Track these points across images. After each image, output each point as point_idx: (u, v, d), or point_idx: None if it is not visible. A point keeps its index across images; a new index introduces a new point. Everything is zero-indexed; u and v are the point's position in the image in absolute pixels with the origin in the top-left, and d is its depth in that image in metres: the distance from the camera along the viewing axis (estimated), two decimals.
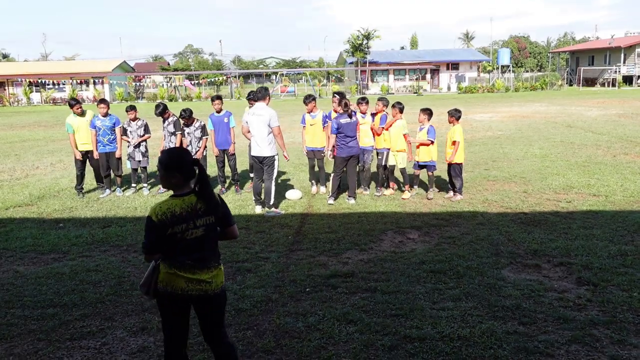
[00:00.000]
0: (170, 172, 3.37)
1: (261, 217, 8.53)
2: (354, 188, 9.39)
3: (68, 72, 53.14)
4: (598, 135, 16.88)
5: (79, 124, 10.20)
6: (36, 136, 21.72)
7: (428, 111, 9.59)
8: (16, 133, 23.26)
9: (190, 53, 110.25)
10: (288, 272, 6.12)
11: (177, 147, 3.64)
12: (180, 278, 3.35)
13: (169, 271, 3.36)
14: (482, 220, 8.03)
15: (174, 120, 10.16)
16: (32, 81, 51.11)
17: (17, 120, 31.09)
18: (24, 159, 15.51)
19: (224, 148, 10.26)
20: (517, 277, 5.82)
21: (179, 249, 3.35)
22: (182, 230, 3.33)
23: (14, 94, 50.74)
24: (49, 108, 43.49)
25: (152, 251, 3.35)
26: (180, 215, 3.33)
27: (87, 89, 52.73)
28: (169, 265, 3.36)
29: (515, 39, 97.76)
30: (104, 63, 58.13)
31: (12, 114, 37.34)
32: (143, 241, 3.38)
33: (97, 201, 9.94)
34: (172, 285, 3.35)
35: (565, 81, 57.66)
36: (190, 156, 3.47)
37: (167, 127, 10.15)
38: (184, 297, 3.37)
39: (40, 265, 6.62)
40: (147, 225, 3.32)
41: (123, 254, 6.97)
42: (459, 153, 9.23)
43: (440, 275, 5.90)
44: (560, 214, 8.29)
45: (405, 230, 7.67)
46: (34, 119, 31.07)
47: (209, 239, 3.45)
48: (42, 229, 8.14)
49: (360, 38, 55.65)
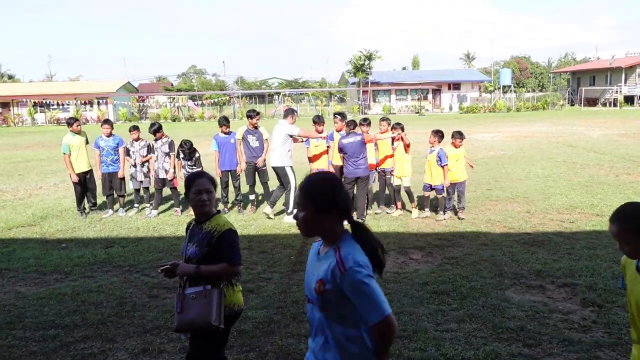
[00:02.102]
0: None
1: (263, 238, 8.52)
2: (362, 209, 9.32)
3: (72, 92, 53.68)
4: (600, 155, 16.88)
5: (76, 143, 10.21)
6: (40, 156, 21.82)
7: (439, 133, 9.44)
8: (20, 153, 23.37)
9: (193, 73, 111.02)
10: (290, 293, 6.09)
11: (199, 172, 3.68)
12: (240, 293, 3.50)
13: (235, 289, 3.45)
14: (485, 241, 8.00)
15: (169, 140, 10.17)
16: (36, 102, 51.55)
17: (21, 140, 31.27)
18: (28, 179, 15.57)
19: (230, 169, 10.28)
20: (521, 298, 5.78)
21: None
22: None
23: (18, 114, 51.12)
24: (53, 128, 43.73)
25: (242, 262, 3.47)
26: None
27: (91, 109, 53.11)
28: (233, 284, 3.44)
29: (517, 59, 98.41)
30: (108, 83, 58.67)
31: (17, 134, 37.57)
32: (237, 254, 3.41)
33: (99, 221, 9.94)
34: (238, 305, 3.48)
35: (567, 101, 57.90)
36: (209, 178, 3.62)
37: (161, 148, 10.11)
38: (240, 313, 3.52)
39: (42, 285, 6.60)
40: (236, 239, 3.41)
41: (125, 274, 6.95)
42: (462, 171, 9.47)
43: (443, 296, 5.86)
44: (564, 234, 8.26)
45: (408, 251, 7.64)
46: (38, 139, 31.23)
47: None
48: (44, 249, 8.14)
49: (362, 59, 56.08)
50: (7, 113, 51.42)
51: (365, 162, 9.18)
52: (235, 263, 3.34)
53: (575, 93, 59.72)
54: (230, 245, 3.33)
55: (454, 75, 62.29)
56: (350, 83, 60.56)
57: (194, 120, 50.12)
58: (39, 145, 27.05)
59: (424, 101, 55.97)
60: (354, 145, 9.03)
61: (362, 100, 54.48)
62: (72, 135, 10.22)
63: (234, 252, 3.34)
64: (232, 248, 3.33)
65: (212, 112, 55.31)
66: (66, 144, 10.16)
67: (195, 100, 61.29)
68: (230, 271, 3.35)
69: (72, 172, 10.13)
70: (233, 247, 3.33)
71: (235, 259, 3.35)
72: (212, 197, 3.46)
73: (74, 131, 10.25)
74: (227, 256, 3.33)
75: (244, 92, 68.45)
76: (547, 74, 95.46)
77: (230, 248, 3.34)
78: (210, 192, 3.44)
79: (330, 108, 55.66)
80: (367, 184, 9.37)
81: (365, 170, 9.20)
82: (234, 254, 3.33)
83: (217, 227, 3.38)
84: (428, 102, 56.84)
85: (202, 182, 3.43)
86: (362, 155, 9.10)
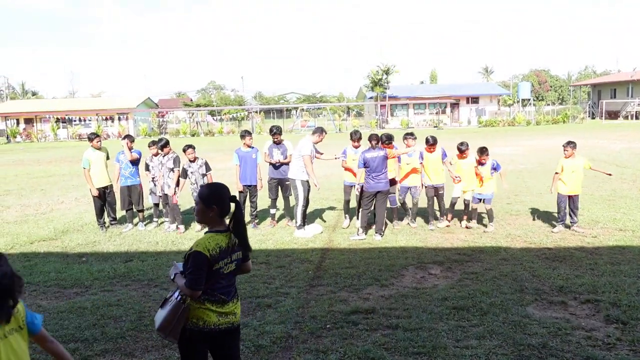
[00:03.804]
0: (209, 206, 3.42)
1: (281, 252, 8.52)
2: (381, 224, 9.28)
3: (94, 108, 54.63)
4: (623, 169, 16.62)
5: (96, 158, 10.35)
6: (62, 171, 22.18)
7: (486, 151, 9.57)
8: (42, 168, 23.78)
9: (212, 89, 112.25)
10: (308, 308, 6.06)
11: (216, 182, 3.69)
12: (213, 313, 3.37)
13: (201, 306, 3.36)
14: (506, 256, 7.91)
15: (174, 156, 10.18)
16: (59, 117, 52.54)
17: (44, 155, 31.84)
18: (50, 193, 15.82)
19: (250, 184, 10.26)
20: (543, 314, 5.68)
21: (214, 283, 3.38)
22: (223, 265, 3.40)
23: (41, 130, 52.11)
24: (75, 144, 44.48)
25: (200, 287, 3.31)
26: (225, 251, 3.41)
27: (112, 124, 53.91)
28: (202, 301, 3.36)
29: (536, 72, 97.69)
30: (128, 99, 59.60)
31: (39, 149, 38.26)
32: (189, 277, 3.30)
33: (119, 235, 10.04)
34: (204, 321, 3.36)
35: (588, 114, 57.23)
36: (229, 192, 3.54)
37: (167, 163, 10.12)
38: (213, 332, 3.37)
39: (63, 299, 6.67)
40: (198, 260, 3.30)
41: (144, 288, 7.00)
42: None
43: (463, 312, 5.79)
44: (586, 249, 8.12)
45: (427, 266, 7.58)
46: (60, 155, 31.78)
47: (236, 273, 3.57)
48: (65, 263, 8.24)
49: (380, 73, 56.23)
50: (31, 129, 52.46)
51: (385, 176, 9.19)
52: (187, 285, 3.30)
53: (596, 106, 59.02)
54: (190, 267, 3.31)
55: (472, 89, 62.01)
56: (367, 97, 60.65)
57: (212, 135, 50.56)
58: (61, 161, 27.51)
59: (442, 115, 55.80)
60: (377, 160, 9.05)
61: (379, 114, 54.51)
62: (93, 150, 10.39)
63: (190, 274, 3.29)
64: (190, 270, 3.30)
65: (231, 127, 55.73)
66: (86, 158, 10.33)
67: (214, 115, 61.90)
68: (186, 292, 3.32)
69: (91, 186, 10.28)
70: (191, 270, 3.29)
71: (188, 282, 3.30)
72: (198, 209, 3.48)
73: (95, 147, 10.41)
74: (187, 277, 3.33)
75: (262, 107, 68.98)
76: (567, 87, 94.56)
77: (189, 270, 3.31)
78: (196, 203, 3.50)
79: (348, 122, 55.72)
80: (387, 198, 9.35)
81: (386, 184, 9.20)
82: (190, 275, 3.29)
83: (193, 245, 3.39)
84: (446, 116, 56.62)
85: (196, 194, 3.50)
86: (383, 170, 9.11)
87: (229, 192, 3.54)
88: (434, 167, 9.87)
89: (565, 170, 9.25)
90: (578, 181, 9.25)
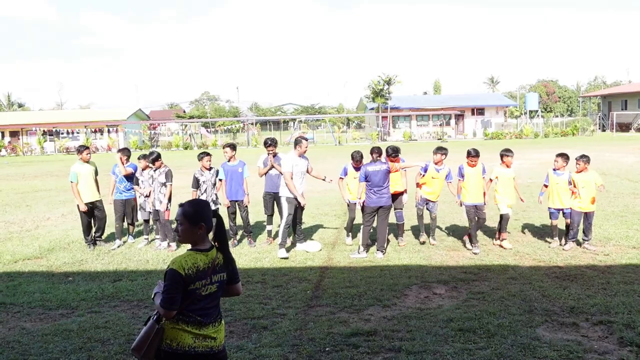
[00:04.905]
0: (197, 225, 3.41)
1: (278, 271, 8.49)
2: (383, 241, 9.26)
3: (83, 120, 54.75)
4: (635, 184, 16.65)
5: (84, 172, 10.36)
6: (48, 186, 22.17)
7: (565, 156, 9.50)
8: (28, 183, 23.78)
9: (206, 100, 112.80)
10: (306, 330, 6.03)
11: (199, 199, 3.69)
12: (188, 334, 3.35)
13: (175, 327, 3.34)
14: (514, 275, 7.89)
15: (166, 170, 10.16)
16: (46, 130, 52.64)
17: (29, 170, 31.84)
18: (35, 209, 15.80)
19: (236, 199, 10.25)
20: (553, 336, 5.66)
21: (190, 304, 3.35)
22: (201, 286, 3.36)
23: (27, 143, 52.16)
24: (62, 157, 44.52)
25: (174, 307, 3.29)
26: (203, 271, 3.37)
27: (101, 137, 54.04)
28: (176, 320, 3.35)
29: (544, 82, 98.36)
30: (118, 111, 59.81)
31: (25, 163, 38.29)
32: (162, 296, 3.30)
33: (107, 254, 10.01)
34: (178, 342, 3.34)
35: (598, 126, 57.48)
36: (211, 207, 3.56)
37: (158, 178, 10.10)
38: (188, 355, 3.35)
39: (48, 321, 6.63)
40: (173, 279, 3.29)
41: (133, 309, 6.96)
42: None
43: (469, 334, 5.76)
44: (598, 267, 8.11)
45: (431, 285, 7.55)
46: (47, 169, 31.78)
47: (218, 295, 3.51)
48: (50, 283, 8.20)
49: (381, 83, 56.53)
50: (16, 142, 52.54)
51: (388, 191, 9.19)
52: (161, 305, 3.29)
53: (606, 118, 59.32)
54: (165, 285, 3.30)
55: (478, 100, 62.36)
56: (368, 109, 60.93)
57: (206, 148, 50.65)
58: (48, 175, 27.51)
59: (446, 127, 55.99)
60: (379, 173, 9.05)
61: (381, 126, 54.71)
62: (81, 164, 10.41)
63: (164, 293, 3.28)
64: (165, 289, 3.29)
65: (226, 139, 55.89)
66: (74, 172, 10.33)
67: (208, 127, 62.11)
68: (160, 312, 3.31)
69: (80, 201, 10.26)
70: (165, 289, 3.28)
71: (162, 301, 3.29)
72: (183, 229, 3.43)
73: (84, 160, 10.43)
74: (161, 296, 3.32)
75: (258, 119, 69.25)
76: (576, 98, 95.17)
77: (164, 289, 3.30)
78: (181, 223, 3.45)
79: (348, 135, 55.90)
80: (388, 213, 9.34)
81: (388, 199, 9.21)
82: (164, 294, 3.28)
83: (170, 263, 3.38)
84: (450, 128, 56.84)
85: (177, 212, 3.48)
86: (385, 185, 9.12)
87: (210, 207, 3.58)
88: (474, 183, 9.44)
89: (577, 186, 9.23)
90: (589, 197, 9.21)
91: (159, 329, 3.34)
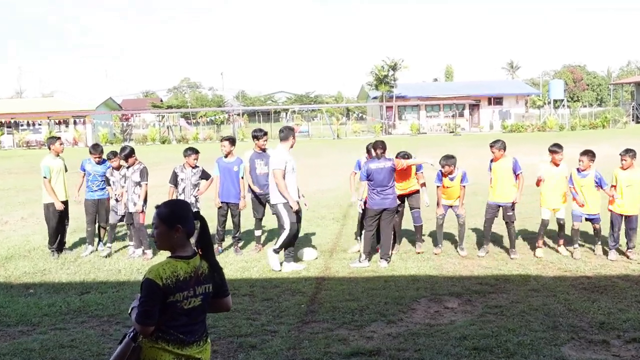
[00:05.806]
0: (173, 227, 3.39)
1: (268, 282, 8.50)
2: (387, 248, 9.27)
3: (45, 111, 54.56)
4: None
5: (57, 167, 10.30)
6: (5, 185, 22.12)
7: (590, 153, 9.35)
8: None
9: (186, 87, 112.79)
10: (300, 349, 6.04)
11: (177, 199, 3.71)
12: (168, 354, 3.34)
13: (154, 345, 3.33)
14: (536, 286, 7.92)
15: (141, 167, 10.12)
16: (3, 122, 52.50)
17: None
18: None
19: (228, 201, 10.20)
20: (581, 355, 5.69)
21: (170, 319, 3.34)
22: (182, 298, 3.34)
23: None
24: (22, 152, 44.44)
25: (151, 322, 3.27)
26: (184, 281, 3.35)
27: (66, 129, 53.91)
28: (155, 338, 3.34)
29: (570, 68, 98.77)
30: (86, 100, 59.74)
31: None
32: (138, 310, 3.29)
33: (74, 262, 9.99)
34: None
35: (631, 117, 57.69)
36: (191, 208, 3.55)
37: (132, 176, 10.03)
38: None
39: (6, 340, 6.62)
40: (149, 290, 3.27)
41: (103, 326, 6.96)
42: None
43: (485, 353, 5.79)
44: (631, 277, 8.15)
45: (442, 298, 7.58)
46: (4, 166, 31.72)
47: (202, 310, 3.48)
48: (9, 296, 8.18)
49: (386, 69, 56.57)
50: None
51: (393, 191, 9.20)
52: (136, 319, 3.28)
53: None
54: (141, 297, 3.29)
55: (495, 88, 62.52)
56: (371, 98, 60.99)
57: (187, 141, 50.60)
58: (5, 173, 27.45)
59: (459, 118, 56.12)
60: (383, 171, 9.05)
61: (385, 117, 54.77)
62: (53, 157, 10.30)
63: (140, 306, 3.27)
64: (141, 302, 3.28)
65: (209, 132, 55.86)
66: (46, 166, 10.16)
67: (188, 118, 62.06)
68: (136, 328, 3.30)
69: (55, 199, 10.11)
70: (142, 301, 3.27)
71: (137, 315, 3.27)
72: (158, 233, 3.44)
73: (56, 151, 10.34)
74: (137, 309, 3.31)
75: (245, 109, 69.27)
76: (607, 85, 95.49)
77: (140, 301, 3.29)
78: (156, 227, 3.45)
79: (348, 127, 55.93)
80: (394, 216, 9.34)
81: (393, 201, 9.21)
82: (139, 308, 3.27)
83: (146, 272, 3.35)
84: (464, 120, 57.00)
85: (153, 215, 3.48)
86: (390, 184, 9.12)
87: (191, 208, 3.56)
88: (502, 176, 9.41)
89: (620, 184, 9.14)
90: (635, 198, 9.10)
91: (136, 347, 3.32)
